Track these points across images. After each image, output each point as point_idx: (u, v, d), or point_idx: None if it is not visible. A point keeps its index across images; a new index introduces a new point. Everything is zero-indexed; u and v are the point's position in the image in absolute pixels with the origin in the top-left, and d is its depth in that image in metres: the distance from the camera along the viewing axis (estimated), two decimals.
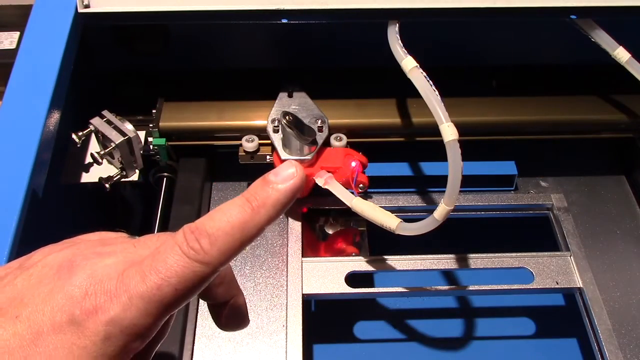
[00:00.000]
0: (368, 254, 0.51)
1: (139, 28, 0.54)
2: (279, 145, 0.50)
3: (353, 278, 0.49)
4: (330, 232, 0.54)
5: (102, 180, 0.51)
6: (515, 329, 0.56)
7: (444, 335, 0.55)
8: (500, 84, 0.57)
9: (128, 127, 0.50)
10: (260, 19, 0.47)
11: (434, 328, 0.55)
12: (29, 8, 0.49)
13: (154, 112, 0.53)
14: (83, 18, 0.48)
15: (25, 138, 0.42)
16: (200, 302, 0.48)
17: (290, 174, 0.28)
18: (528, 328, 0.56)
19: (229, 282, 0.32)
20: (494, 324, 0.56)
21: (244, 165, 0.52)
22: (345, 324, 0.55)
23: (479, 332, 0.55)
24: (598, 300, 0.48)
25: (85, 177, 0.52)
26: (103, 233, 0.32)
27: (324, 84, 0.55)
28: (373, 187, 0.50)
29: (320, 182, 0.49)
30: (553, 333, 0.55)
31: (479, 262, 0.50)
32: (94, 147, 0.52)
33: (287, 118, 0.48)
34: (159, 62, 0.58)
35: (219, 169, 0.58)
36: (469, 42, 0.58)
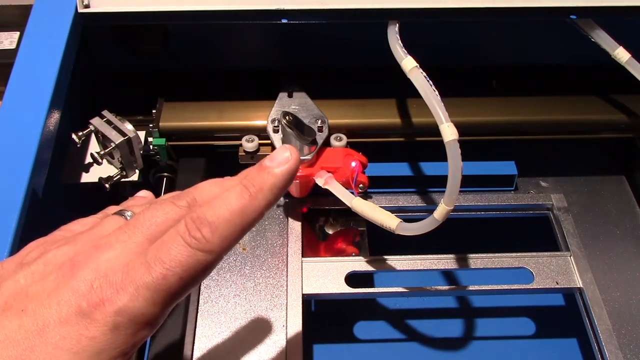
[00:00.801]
0: (368, 254, 0.51)
1: (139, 28, 0.54)
2: (279, 145, 0.50)
3: (353, 278, 0.49)
4: (330, 232, 0.54)
5: (102, 180, 0.51)
6: (515, 329, 0.56)
7: (444, 335, 0.55)
8: (500, 84, 0.57)
9: (128, 127, 0.50)
10: (260, 19, 0.47)
11: (434, 328, 0.55)
12: (29, 8, 0.49)
13: (154, 112, 0.53)
14: (83, 18, 0.48)
15: (25, 138, 0.42)
16: (200, 302, 0.48)
17: (285, 158, 0.29)
18: (528, 328, 0.56)
19: None
20: (494, 324, 0.56)
21: (244, 165, 0.52)
22: (345, 324, 0.55)
23: (479, 332, 0.55)
24: (598, 300, 0.48)
25: (85, 177, 0.52)
26: (95, 222, 0.32)
27: (324, 84, 0.55)
28: (373, 187, 0.50)
29: (320, 182, 0.49)
30: (553, 333, 0.55)
31: (479, 262, 0.50)
32: (94, 147, 0.52)
33: (287, 118, 0.48)
34: (159, 62, 0.58)
35: (219, 169, 0.58)
36: (469, 42, 0.58)
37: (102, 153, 0.49)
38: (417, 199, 0.54)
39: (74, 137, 0.48)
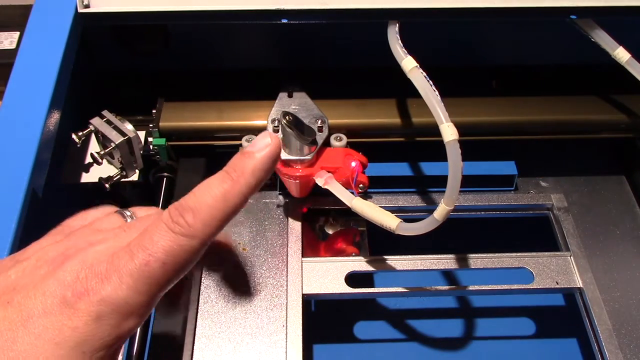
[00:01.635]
0: (368, 254, 0.51)
1: (139, 28, 0.54)
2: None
3: (353, 278, 0.49)
4: (330, 232, 0.54)
5: (102, 180, 0.51)
6: (515, 329, 0.56)
7: (444, 335, 0.55)
8: (500, 84, 0.57)
9: (128, 127, 0.50)
10: (260, 19, 0.47)
11: (434, 328, 0.55)
12: (29, 8, 0.49)
13: (154, 112, 0.53)
14: (83, 18, 0.48)
15: (25, 138, 0.42)
16: (200, 302, 0.48)
17: (266, 143, 0.29)
18: (528, 328, 0.56)
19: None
20: (494, 324, 0.56)
21: None
22: (345, 324, 0.55)
23: (479, 332, 0.55)
24: (598, 300, 0.48)
25: (85, 177, 0.52)
26: (96, 217, 0.32)
27: (324, 84, 0.55)
28: (373, 187, 0.50)
29: (320, 182, 0.49)
30: (553, 333, 0.55)
31: (479, 262, 0.50)
32: (94, 147, 0.52)
33: (287, 118, 0.48)
34: (159, 62, 0.58)
35: (219, 169, 0.58)
36: (469, 42, 0.58)
37: (102, 153, 0.49)
38: (417, 199, 0.54)
39: (74, 137, 0.48)
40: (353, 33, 0.56)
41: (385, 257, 0.50)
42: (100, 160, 0.50)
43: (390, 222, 0.44)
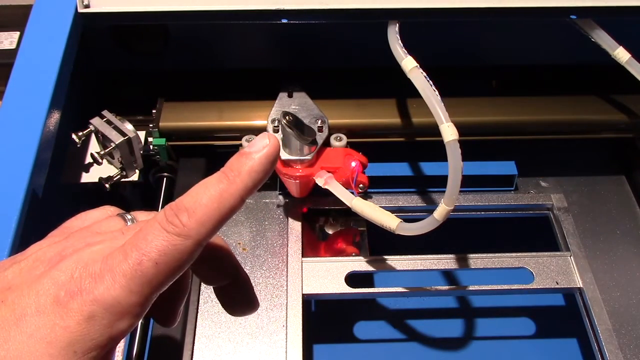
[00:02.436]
0: (368, 254, 0.51)
1: (139, 28, 0.54)
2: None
3: (353, 278, 0.49)
4: (330, 232, 0.54)
5: (102, 180, 0.51)
6: (515, 329, 0.56)
7: (444, 335, 0.55)
8: (500, 84, 0.57)
9: (128, 127, 0.50)
10: (260, 19, 0.47)
11: (434, 328, 0.55)
12: (29, 8, 0.49)
13: (154, 112, 0.53)
14: (83, 18, 0.48)
15: (25, 138, 0.42)
16: (200, 302, 0.48)
17: (264, 144, 0.29)
18: (528, 328, 0.56)
19: (220, 258, 0.33)
20: (494, 324, 0.56)
21: None
22: (345, 324, 0.55)
23: (479, 332, 0.55)
24: (598, 300, 0.48)
25: (85, 177, 0.52)
26: (96, 218, 0.32)
27: (324, 84, 0.55)
28: (373, 187, 0.50)
29: (320, 182, 0.49)
30: (553, 333, 0.55)
31: (479, 262, 0.50)
32: (94, 147, 0.52)
33: (287, 118, 0.48)
34: (159, 62, 0.58)
35: (219, 169, 0.58)
36: (469, 42, 0.58)
37: (102, 153, 0.49)
38: (417, 199, 0.54)
39: (74, 137, 0.48)
40: (353, 33, 0.56)
41: (385, 257, 0.50)
42: (100, 160, 0.50)
43: (390, 222, 0.44)
